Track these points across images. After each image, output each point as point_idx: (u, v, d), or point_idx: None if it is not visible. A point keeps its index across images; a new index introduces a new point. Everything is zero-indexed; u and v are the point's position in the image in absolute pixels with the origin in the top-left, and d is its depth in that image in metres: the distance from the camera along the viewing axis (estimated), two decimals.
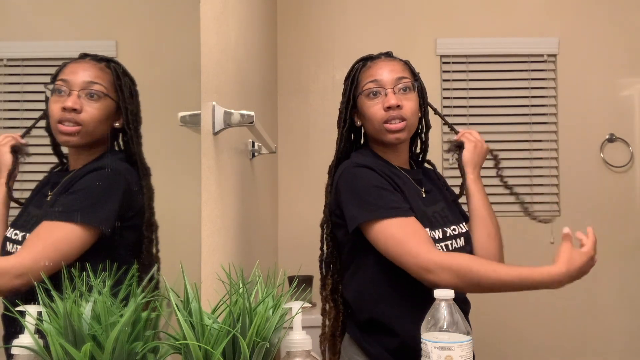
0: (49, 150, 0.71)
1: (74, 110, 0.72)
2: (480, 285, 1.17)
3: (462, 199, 1.45)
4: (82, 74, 0.73)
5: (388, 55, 1.38)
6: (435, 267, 1.15)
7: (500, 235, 1.40)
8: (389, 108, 1.28)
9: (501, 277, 1.16)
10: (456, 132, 1.48)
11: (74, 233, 0.71)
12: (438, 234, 1.28)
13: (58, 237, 0.70)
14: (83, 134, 0.74)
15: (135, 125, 0.78)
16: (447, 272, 1.15)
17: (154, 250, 0.82)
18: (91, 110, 0.74)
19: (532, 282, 1.18)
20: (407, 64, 1.38)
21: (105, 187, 0.78)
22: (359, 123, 1.37)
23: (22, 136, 0.64)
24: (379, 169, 1.28)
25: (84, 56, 0.73)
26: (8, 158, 0.64)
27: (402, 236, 1.20)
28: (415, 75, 1.37)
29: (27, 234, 0.66)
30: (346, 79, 1.39)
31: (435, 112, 1.51)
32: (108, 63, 0.75)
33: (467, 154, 1.40)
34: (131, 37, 0.82)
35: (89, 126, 0.74)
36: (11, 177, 0.64)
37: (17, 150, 0.64)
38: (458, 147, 1.44)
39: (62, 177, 0.72)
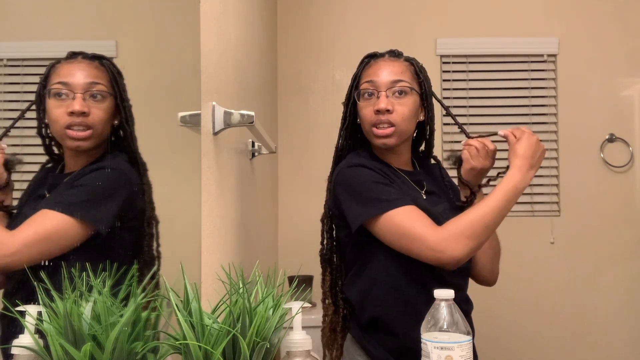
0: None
1: (83, 113, 0.71)
2: (488, 228, 1.18)
3: None
4: (81, 75, 0.72)
5: (393, 54, 1.36)
6: (445, 244, 1.16)
7: (499, 248, 1.43)
8: (378, 111, 1.27)
9: (493, 207, 1.18)
10: (467, 134, 1.39)
11: (67, 225, 0.70)
12: None
13: (51, 226, 0.69)
14: (93, 137, 0.73)
15: (133, 121, 0.78)
16: (456, 242, 1.15)
17: (155, 245, 0.82)
18: (98, 112, 0.73)
19: (510, 189, 1.21)
20: (412, 64, 1.34)
21: (109, 187, 0.77)
22: (359, 121, 1.37)
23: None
24: (375, 167, 1.28)
25: (74, 55, 0.71)
26: (3, 175, 0.62)
27: (407, 223, 1.19)
28: (419, 77, 1.33)
29: None
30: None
31: (447, 111, 1.46)
32: (101, 61, 0.74)
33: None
34: (131, 37, 0.82)
35: (99, 128, 0.74)
36: (2, 190, 0.63)
37: (8, 163, 0.63)
38: (458, 160, 1.37)
39: (61, 179, 0.72)
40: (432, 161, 1.48)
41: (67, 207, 0.70)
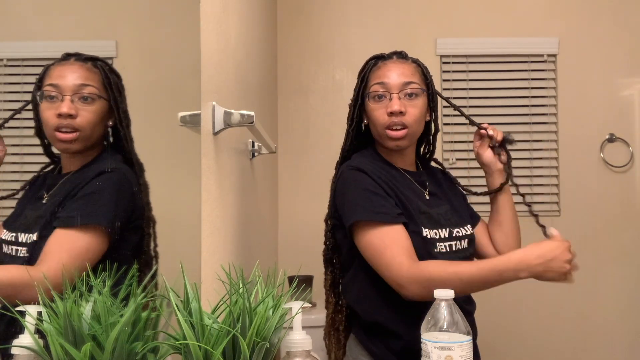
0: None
1: (70, 116, 0.71)
2: (458, 289, 1.12)
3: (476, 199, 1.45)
4: (71, 77, 0.72)
5: (400, 55, 1.36)
6: (406, 282, 1.17)
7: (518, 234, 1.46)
8: (391, 114, 1.28)
9: (461, 277, 1.14)
10: (478, 126, 1.42)
11: (94, 239, 0.72)
12: (444, 233, 1.28)
13: (81, 246, 0.70)
14: (81, 139, 0.73)
15: (127, 122, 0.77)
16: (415, 285, 1.16)
17: (153, 245, 0.82)
18: (87, 115, 0.73)
19: (498, 271, 1.14)
20: (419, 66, 1.35)
21: (116, 191, 0.77)
22: (366, 122, 1.37)
23: None
24: (374, 173, 1.28)
25: (67, 56, 0.71)
26: None
27: (379, 246, 1.20)
28: (427, 78, 1.34)
29: (30, 235, 0.66)
30: (358, 76, 1.38)
31: (456, 108, 1.46)
32: (94, 62, 0.74)
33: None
34: (131, 37, 0.82)
35: (87, 131, 0.73)
36: None
37: None
38: (509, 142, 1.40)
39: (58, 179, 0.72)
40: (434, 164, 1.48)
41: (88, 219, 0.72)
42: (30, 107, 0.67)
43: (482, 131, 1.41)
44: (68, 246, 0.69)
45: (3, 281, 0.64)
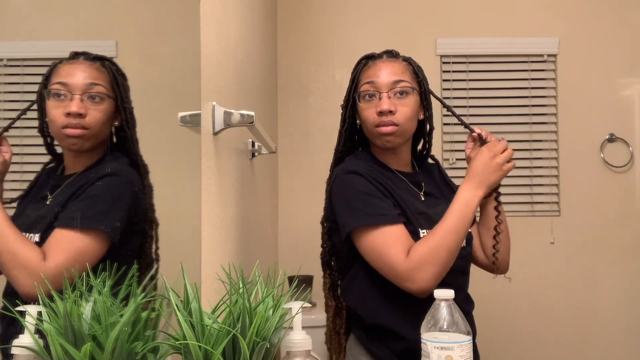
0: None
1: (79, 115, 0.71)
2: (450, 250, 1.18)
3: None
4: (80, 76, 0.72)
5: (391, 54, 1.35)
6: (413, 274, 1.16)
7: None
8: (381, 113, 1.27)
9: (449, 229, 1.19)
10: (470, 129, 1.39)
11: (93, 242, 0.71)
12: None
13: (80, 248, 0.70)
14: (88, 137, 0.73)
15: (133, 123, 0.77)
16: (422, 271, 1.16)
17: (154, 248, 0.82)
18: (96, 114, 0.73)
19: (462, 207, 1.22)
20: (410, 64, 1.34)
21: (118, 194, 0.77)
22: (358, 122, 1.37)
23: None
24: (370, 175, 1.27)
25: (75, 55, 0.71)
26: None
27: (383, 246, 1.20)
28: (418, 76, 1.33)
29: (32, 235, 0.66)
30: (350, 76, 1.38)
31: (448, 108, 1.46)
32: (103, 62, 0.74)
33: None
34: (131, 37, 0.82)
35: (95, 129, 0.73)
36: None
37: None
38: (482, 141, 1.34)
39: (62, 180, 0.72)
40: (431, 161, 1.48)
41: (89, 223, 0.71)
42: (33, 106, 0.67)
43: (474, 134, 1.38)
44: (65, 246, 0.68)
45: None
